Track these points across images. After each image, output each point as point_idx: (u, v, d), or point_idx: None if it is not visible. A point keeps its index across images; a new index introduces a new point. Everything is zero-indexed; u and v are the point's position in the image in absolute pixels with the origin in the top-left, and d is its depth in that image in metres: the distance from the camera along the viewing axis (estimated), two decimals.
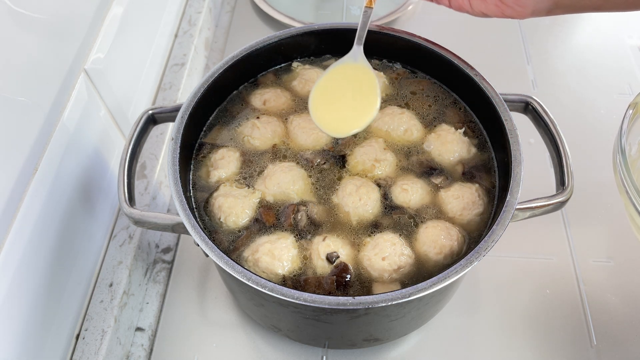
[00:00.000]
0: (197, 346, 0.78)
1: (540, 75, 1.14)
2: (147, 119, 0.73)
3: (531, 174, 0.70)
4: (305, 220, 0.68)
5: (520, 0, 0.64)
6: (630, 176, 0.68)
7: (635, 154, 0.78)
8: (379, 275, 0.64)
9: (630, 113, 0.73)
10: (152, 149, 0.91)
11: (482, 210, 0.68)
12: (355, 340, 0.72)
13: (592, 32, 1.23)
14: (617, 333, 0.79)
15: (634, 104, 0.74)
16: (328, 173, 0.73)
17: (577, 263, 0.86)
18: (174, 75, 1.01)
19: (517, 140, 0.67)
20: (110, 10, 0.79)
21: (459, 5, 0.69)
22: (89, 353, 0.70)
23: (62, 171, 0.68)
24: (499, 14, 0.67)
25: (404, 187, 0.70)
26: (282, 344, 0.78)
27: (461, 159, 0.74)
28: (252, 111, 0.80)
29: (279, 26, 1.22)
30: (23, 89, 0.60)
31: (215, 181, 0.72)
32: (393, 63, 0.85)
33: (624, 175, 0.69)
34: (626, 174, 0.68)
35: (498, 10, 0.66)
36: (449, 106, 0.80)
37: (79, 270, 0.74)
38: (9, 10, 0.57)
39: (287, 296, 0.55)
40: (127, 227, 0.82)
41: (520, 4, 0.65)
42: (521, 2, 0.64)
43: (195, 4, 1.15)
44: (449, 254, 0.65)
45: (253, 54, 0.80)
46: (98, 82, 0.76)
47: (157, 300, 0.82)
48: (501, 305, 0.82)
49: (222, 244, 0.67)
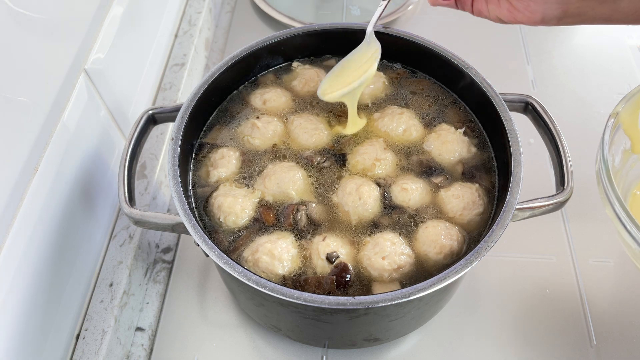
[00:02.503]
0: (197, 346, 0.78)
1: (540, 75, 1.14)
2: (147, 119, 0.73)
3: (531, 174, 0.70)
4: (305, 220, 0.68)
5: (529, 7, 0.66)
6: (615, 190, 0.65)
7: (618, 164, 0.76)
8: (378, 275, 0.64)
9: (611, 123, 0.72)
10: (152, 149, 0.91)
11: (482, 210, 0.68)
12: (355, 340, 0.72)
13: (592, 33, 1.23)
14: (617, 333, 0.79)
15: (614, 113, 0.72)
16: (328, 172, 0.73)
17: (577, 263, 0.86)
18: (174, 75, 1.01)
19: (517, 140, 0.67)
20: (110, 10, 0.79)
21: (479, 10, 0.71)
22: (89, 353, 0.70)
23: (62, 171, 0.68)
24: (511, 19, 0.68)
25: (404, 187, 0.70)
26: (282, 344, 0.78)
27: (461, 158, 0.74)
28: (252, 111, 0.80)
29: (279, 26, 1.22)
30: (23, 89, 0.60)
31: (215, 181, 0.72)
32: (393, 63, 0.85)
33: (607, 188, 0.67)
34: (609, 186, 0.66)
35: (510, 15, 0.68)
36: (449, 106, 0.80)
37: (79, 270, 0.74)
38: (9, 10, 0.57)
39: (287, 296, 0.55)
40: (127, 227, 0.82)
41: (530, 10, 0.66)
42: (530, 8, 0.66)
43: (195, 4, 1.15)
44: (449, 254, 0.65)
45: (253, 54, 0.80)
46: (98, 82, 0.76)
47: (157, 300, 0.82)
48: (501, 305, 0.82)
49: (222, 243, 0.67)
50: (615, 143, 0.74)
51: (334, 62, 0.86)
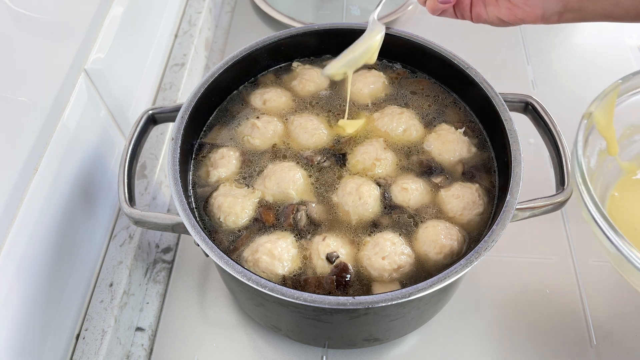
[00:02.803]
0: (197, 346, 0.78)
1: (540, 75, 1.14)
2: (147, 119, 0.73)
3: (531, 174, 0.70)
4: (305, 219, 0.68)
5: (529, 1, 0.65)
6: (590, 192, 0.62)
7: (594, 165, 0.73)
8: (378, 275, 0.64)
9: (585, 123, 0.69)
10: (152, 149, 0.91)
11: (482, 210, 0.68)
12: (355, 340, 0.72)
13: (592, 33, 1.23)
14: (617, 333, 0.79)
15: (587, 114, 0.70)
16: (328, 172, 0.73)
17: (577, 263, 0.86)
18: (174, 75, 1.01)
19: (517, 140, 0.67)
20: (110, 10, 0.79)
21: (478, 14, 0.70)
22: (89, 353, 0.70)
23: (62, 171, 0.68)
24: (511, 17, 0.67)
25: (404, 187, 0.70)
26: (282, 344, 0.78)
27: (461, 158, 0.74)
28: (252, 111, 0.80)
29: (279, 26, 1.22)
30: (23, 89, 0.60)
31: (215, 181, 0.72)
32: (393, 63, 0.85)
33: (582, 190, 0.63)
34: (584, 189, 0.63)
35: (510, 13, 0.67)
36: (449, 106, 0.80)
37: (79, 270, 0.74)
38: (9, 10, 0.57)
39: (287, 296, 0.55)
40: (127, 227, 0.82)
41: (529, 4, 0.65)
42: (530, 2, 0.65)
43: (195, 4, 1.15)
44: (448, 254, 0.65)
45: (253, 54, 0.80)
46: (98, 82, 0.76)
47: (157, 300, 0.82)
48: (501, 305, 0.82)
49: (222, 243, 0.67)
50: (590, 144, 0.71)
51: None
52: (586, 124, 0.68)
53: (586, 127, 0.68)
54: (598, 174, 0.74)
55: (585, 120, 0.69)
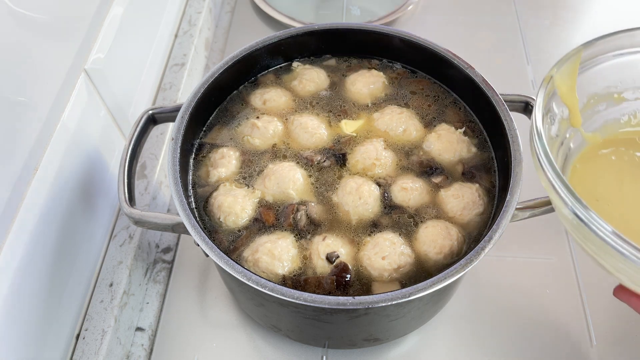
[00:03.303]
0: (197, 346, 0.78)
1: (540, 75, 1.14)
2: (147, 119, 0.73)
3: (531, 174, 0.70)
4: (305, 219, 0.68)
5: None
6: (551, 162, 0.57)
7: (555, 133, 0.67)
8: (378, 275, 0.64)
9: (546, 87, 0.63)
10: (152, 149, 0.91)
11: (482, 210, 0.68)
12: (355, 340, 0.72)
13: (592, 33, 1.23)
14: (617, 333, 0.79)
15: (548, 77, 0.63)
16: (328, 172, 0.73)
17: (577, 263, 0.86)
18: (174, 75, 1.01)
19: (517, 140, 0.67)
20: (110, 10, 0.79)
21: None
22: (89, 353, 0.70)
23: (62, 171, 0.68)
24: None
25: (404, 187, 0.70)
26: (282, 344, 0.78)
27: (461, 158, 0.74)
28: (252, 111, 0.80)
29: (279, 26, 1.22)
30: (23, 89, 0.60)
31: (215, 181, 0.72)
32: (393, 63, 0.85)
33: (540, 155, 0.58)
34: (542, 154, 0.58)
35: None
36: (448, 106, 0.80)
37: (79, 270, 0.74)
38: (9, 10, 0.57)
39: (287, 296, 0.55)
40: (127, 227, 0.82)
41: None
42: None
43: (195, 4, 1.15)
44: (448, 254, 0.65)
45: (253, 54, 0.80)
46: (98, 82, 0.76)
47: (157, 300, 0.82)
48: (501, 305, 0.82)
49: (222, 243, 0.67)
50: (551, 111, 0.66)
51: (334, 62, 0.86)
52: (547, 88, 0.63)
53: (546, 91, 0.63)
54: (558, 143, 0.69)
55: (546, 84, 0.63)
